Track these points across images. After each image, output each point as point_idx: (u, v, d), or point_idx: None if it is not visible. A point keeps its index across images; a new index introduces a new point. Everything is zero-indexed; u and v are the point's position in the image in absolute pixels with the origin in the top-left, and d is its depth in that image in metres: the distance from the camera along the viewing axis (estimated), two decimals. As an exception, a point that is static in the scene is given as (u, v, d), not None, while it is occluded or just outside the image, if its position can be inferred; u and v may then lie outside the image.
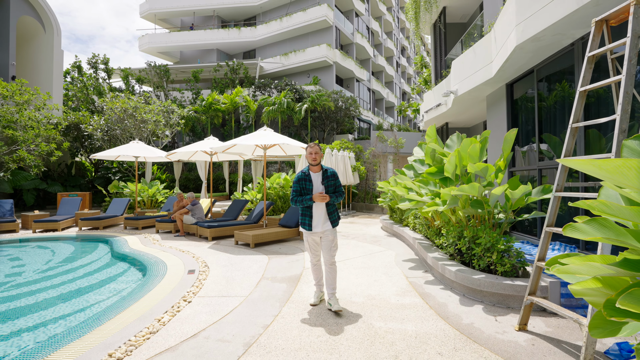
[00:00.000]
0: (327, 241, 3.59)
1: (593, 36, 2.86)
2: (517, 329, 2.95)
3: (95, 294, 4.42)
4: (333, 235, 3.61)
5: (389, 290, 4.10)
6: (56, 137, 13.46)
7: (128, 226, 9.78)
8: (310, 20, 25.26)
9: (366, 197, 15.54)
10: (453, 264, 4.19)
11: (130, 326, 3.08)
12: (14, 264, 5.94)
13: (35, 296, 4.29)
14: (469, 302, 3.61)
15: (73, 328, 3.20)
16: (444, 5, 10.12)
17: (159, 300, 3.78)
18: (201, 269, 5.14)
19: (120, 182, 14.52)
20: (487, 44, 6.11)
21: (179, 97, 24.38)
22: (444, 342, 2.75)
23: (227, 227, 7.89)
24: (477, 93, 7.04)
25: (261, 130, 8.05)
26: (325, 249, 3.60)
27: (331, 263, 3.60)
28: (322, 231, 3.58)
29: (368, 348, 2.67)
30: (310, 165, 3.65)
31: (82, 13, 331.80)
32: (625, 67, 2.47)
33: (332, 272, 3.59)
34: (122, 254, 6.52)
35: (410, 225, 7.18)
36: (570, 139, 2.90)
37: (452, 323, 3.12)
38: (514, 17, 4.60)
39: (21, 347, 2.93)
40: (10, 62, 16.21)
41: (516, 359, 2.48)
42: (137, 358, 2.53)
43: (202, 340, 2.83)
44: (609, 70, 2.95)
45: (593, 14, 3.62)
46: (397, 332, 2.94)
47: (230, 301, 3.75)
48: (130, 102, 15.53)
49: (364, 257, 5.89)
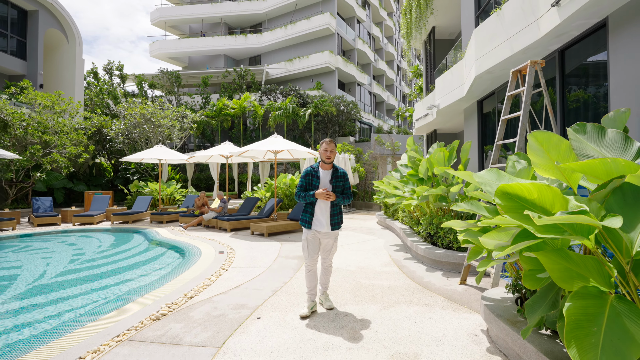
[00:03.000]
0: (327, 244, 3.44)
1: (511, 81, 4.16)
2: (459, 283, 4.25)
3: (150, 266, 5.77)
4: (334, 239, 3.46)
5: (375, 263, 5.42)
6: (83, 141, 14.86)
7: (154, 220, 11.14)
8: (314, 28, 26.59)
9: (365, 196, 16.84)
10: (424, 244, 5.50)
11: (189, 283, 4.41)
12: (74, 248, 7.30)
13: (105, 267, 5.64)
14: (432, 270, 4.92)
15: (148, 285, 4.55)
16: (433, 25, 11.41)
17: (203, 270, 5.11)
18: (228, 251, 6.48)
19: (140, 181, 15.90)
20: (461, 68, 7.41)
21: (189, 102, 25.79)
22: (407, 290, 4.07)
23: (243, 220, 9.24)
24: (456, 107, 8.34)
25: (272, 137, 9.38)
26: (323, 251, 3.47)
27: (328, 265, 3.51)
28: (323, 232, 3.39)
29: (355, 292, 3.99)
30: (323, 162, 3.44)
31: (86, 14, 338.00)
32: (522, 106, 3.77)
33: (328, 272, 3.53)
34: (158, 240, 7.87)
35: (399, 218, 8.49)
36: (496, 152, 4.20)
37: (416, 281, 4.43)
38: (474, 53, 5.91)
39: (119, 294, 4.27)
40: (39, 71, 17.69)
41: (452, 297, 3.79)
42: (203, 297, 3.86)
43: (242, 289, 4.16)
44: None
45: (523, 59, 4.92)
46: (377, 286, 4.26)
47: (256, 270, 5.07)
48: (147, 108, 16.92)
49: (359, 243, 7.21)
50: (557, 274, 1.58)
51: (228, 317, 3.28)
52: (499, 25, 5.16)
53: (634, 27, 3.55)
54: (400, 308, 3.50)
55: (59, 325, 3.33)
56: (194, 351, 2.61)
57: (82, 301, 4.05)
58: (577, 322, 1.38)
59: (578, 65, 4.51)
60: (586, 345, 1.31)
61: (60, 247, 7.37)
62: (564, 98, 4.79)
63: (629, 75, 3.66)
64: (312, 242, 3.42)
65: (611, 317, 1.35)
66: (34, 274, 5.25)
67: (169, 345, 2.72)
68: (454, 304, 3.61)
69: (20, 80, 17.31)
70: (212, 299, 3.79)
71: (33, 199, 10.99)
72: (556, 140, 2.18)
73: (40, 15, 17.44)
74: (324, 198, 3.27)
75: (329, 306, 3.48)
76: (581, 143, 2.20)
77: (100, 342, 2.74)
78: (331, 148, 3.40)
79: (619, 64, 3.82)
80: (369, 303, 3.65)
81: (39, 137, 12.48)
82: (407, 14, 11.41)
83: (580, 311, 1.41)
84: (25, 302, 4.02)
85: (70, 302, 4.00)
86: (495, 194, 1.85)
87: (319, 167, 3.47)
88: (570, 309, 1.42)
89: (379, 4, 36.16)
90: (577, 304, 1.43)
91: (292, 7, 28.63)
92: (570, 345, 1.35)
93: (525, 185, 1.74)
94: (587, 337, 1.33)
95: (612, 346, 1.28)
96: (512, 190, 1.78)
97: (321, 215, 3.38)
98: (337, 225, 3.44)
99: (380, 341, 2.77)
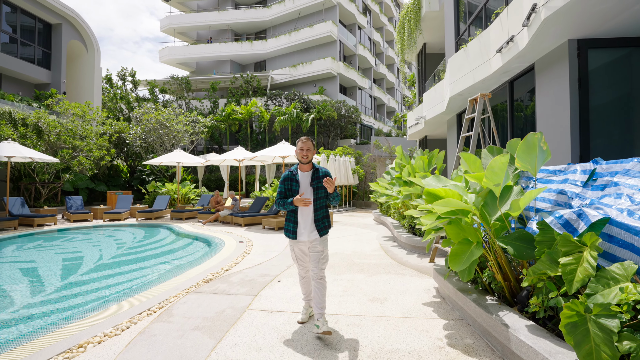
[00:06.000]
0: (316, 252, 3.10)
1: (468, 107, 5.45)
2: (429, 262, 5.56)
3: (185, 251, 7.11)
4: (322, 245, 3.12)
5: (367, 249, 6.73)
6: (106, 145, 16.26)
7: (173, 217, 12.49)
8: (316, 35, 27.92)
9: (364, 196, 18.16)
10: (407, 233, 6.81)
11: (222, 261, 5.73)
12: (114, 239, 8.65)
13: (148, 252, 6.98)
14: (411, 253, 6.23)
15: (189, 263, 5.88)
16: (424, 42, 12.71)
17: (230, 253, 6.43)
18: (246, 241, 7.81)
19: (158, 182, 17.29)
20: (442, 87, 8.70)
21: (198, 106, 27.20)
22: (388, 265, 5.38)
23: (255, 217, 10.57)
24: (439, 118, 9.64)
25: (280, 144, 10.71)
26: (313, 261, 3.09)
27: (320, 277, 3.06)
28: (309, 240, 3.10)
29: (349, 267, 5.31)
30: (300, 163, 3.13)
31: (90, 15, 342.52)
32: (474, 128, 5.07)
33: (321, 288, 3.05)
34: (184, 233, 9.21)
35: (391, 215, 9.79)
36: (456, 161, 5.49)
37: (397, 260, 5.74)
38: (449, 77, 7.20)
39: (169, 268, 5.60)
40: (62, 79, 19.10)
41: (420, 270, 5.09)
42: (235, 270, 5.18)
43: (263, 265, 5.48)
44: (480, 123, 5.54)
45: (482, 87, 6.21)
46: (365, 263, 5.57)
47: (272, 254, 6.39)
48: (162, 114, 18.30)
49: (355, 235, 8.52)
50: (453, 235, 2.89)
51: (257, 280, 4.61)
52: (465, 59, 6.43)
53: (550, 72, 4.80)
54: (380, 276, 4.81)
55: (138, 286, 4.66)
56: (239, 297, 3.93)
57: (143, 272, 5.40)
58: (457, 253, 2.70)
59: (522, 94, 5.77)
60: (458, 262, 2.64)
61: (102, 238, 8.73)
62: (513, 117, 6.06)
63: (546, 106, 4.93)
64: (301, 253, 3.19)
65: (471, 251, 2.67)
66: (94, 257, 6.60)
67: (221, 294, 4.04)
68: (420, 273, 4.92)
69: (45, 89, 18.79)
70: (243, 271, 5.11)
71: (66, 198, 12.36)
72: (474, 158, 3.48)
73: (64, 28, 18.86)
74: (302, 204, 2.98)
75: (326, 330, 2.84)
76: (487, 159, 3.53)
77: (174, 293, 4.07)
78: (307, 147, 3.09)
79: (542, 96, 5.08)
80: (358, 273, 4.97)
81: (70, 142, 13.86)
82: (400, 32, 12.72)
83: (459, 248, 2.73)
84: (100, 274, 5.36)
85: (134, 274, 5.34)
86: (424, 192, 3.15)
87: (297, 170, 3.17)
88: (454, 248, 2.74)
89: (379, 10, 37.44)
90: (459, 246, 2.75)
91: (296, 15, 29.97)
92: (451, 263, 2.67)
93: (439, 189, 3.04)
94: (459, 258, 2.65)
95: (468, 261, 2.60)
96: (432, 191, 3.09)
97: (304, 222, 3.10)
98: (324, 230, 3.14)
99: (363, 292, 4.09)
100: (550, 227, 2.40)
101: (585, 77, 4.23)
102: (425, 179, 3.76)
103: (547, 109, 4.90)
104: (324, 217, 3.17)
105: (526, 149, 2.97)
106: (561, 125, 4.56)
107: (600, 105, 4.30)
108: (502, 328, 2.44)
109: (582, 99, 4.21)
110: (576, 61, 4.22)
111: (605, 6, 3.53)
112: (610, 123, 4.36)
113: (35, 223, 10.16)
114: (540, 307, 2.35)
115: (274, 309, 3.59)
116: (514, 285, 2.89)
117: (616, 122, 4.36)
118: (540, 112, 5.07)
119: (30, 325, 3.42)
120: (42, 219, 10.34)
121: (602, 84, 4.30)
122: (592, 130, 4.26)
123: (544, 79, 4.91)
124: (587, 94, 4.22)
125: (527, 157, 2.97)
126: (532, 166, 2.97)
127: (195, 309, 3.56)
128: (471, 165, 3.57)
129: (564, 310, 1.89)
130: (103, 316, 3.35)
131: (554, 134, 4.79)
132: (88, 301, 4.11)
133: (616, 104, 4.38)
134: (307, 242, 3.13)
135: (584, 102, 4.22)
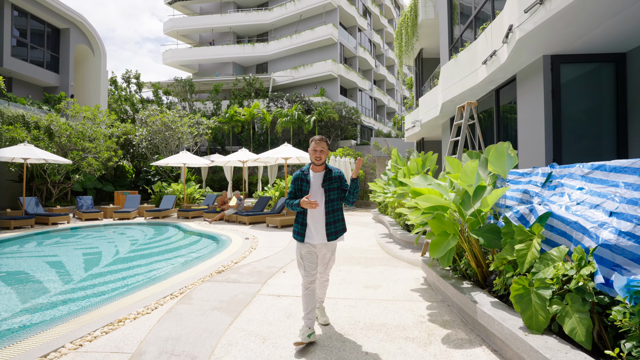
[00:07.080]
0: (324, 258, 3.06)
1: (456, 113, 5.96)
2: (420, 256, 6.06)
3: (195, 247, 7.63)
4: (331, 252, 3.07)
5: (364, 244, 7.24)
6: (113, 146, 16.79)
7: (180, 216, 13.01)
8: (317, 38, 28.44)
9: (364, 196, 18.66)
10: (401, 230, 7.31)
11: (231, 256, 6.24)
12: (127, 236, 9.18)
13: (161, 247, 7.50)
14: (404, 248, 6.73)
15: (200, 257, 6.40)
16: (421, 47, 13.21)
17: (237, 249, 6.94)
18: (252, 237, 8.32)
19: (163, 182, 17.82)
20: (436, 92, 9.20)
21: (201, 108, 27.74)
22: (383, 259, 5.89)
23: (259, 215, 11.08)
24: (434, 122, 10.13)
25: (283, 146, 11.21)
26: (321, 264, 3.06)
27: (325, 280, 3.15)
28: (318, 245, 2.97)
29: (347, 260, 5.82)
30: (313, 164, 3.02)
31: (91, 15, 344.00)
32: (461, 134, 5.57)
33: (324, 287, 3.17)
34: (192, 231, 9.73)
35: (389, 214, 10.29)
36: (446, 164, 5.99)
37: (391, 254, 6.25)
38: (442, 84, 7.70)
39: (182, 262, 6.12)
40: (70, 83, 19.65)
41: (412, 263, 5.59)
42: (243, 263, 5.69)
43: (269, 259, 5.99)
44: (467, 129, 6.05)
45: (470, 95, 6.71)
46: (362, 257, 6.08)
47: (276, 249, 6.90)
48: (167, 116, 18.84)
49: (355, 232, 9.03)
50: (435, 228, 3.39)
51: (264, 272, 5.12)
52: (456, 68, 6.92)
53: (528, 83, 5.29)
54: (376, 267, 5.32)
55: (156, 277, 5.17)
56: (250, 285, 4.45)
57: (159, 265, 5.91)
58: (436, 243, 3.22)
59: (507, 101, 6.27)
60: (437, 250, 3.15)
61: (115, 236, 9.26)
62: (500, 122, 6.55)
63: (526, 113, 5.42)
64: (308, 258, 2.95)
65: (448, 241, 3.18)
66: (111, 252, 7.11)
67: (233, 282, 4.55)
68: (412, 265, 5.43)
69: (54, 92, 19.33)
70: (251, 264, 5.63)
71: (77, 198, 12.89)
72: (457, 161, 4.00)
73: (72, 32, 19.39)
74: (308, 207, 2.83)
75: (324, 321, 3.12)
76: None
77: (191, 281, 4.58)
78: (321, 147, 2.97)
79: (522, 105, 5.57)
80: (355, 265, 5.48)
81: (80, 144, 14.40)
82: (398, 38, 13.23)
83: (439, 239, 3.24)
84: (119, 266, 5.87)
85: (151, 266, 5.86)
86: (410, 190, 3.66)
87: (309, 170, 3.05)
88: (435, 239, 3.25)
89: (379, 13, 37.95)
90: (438, 237, 3.26)
91: (297, 17, 30.48)
92: (431, 251, 3.19)
93: (423, 188, 3.55)
94: (439, 247, 3.17)
95: (445, 249, 3.12)
96: (417, 190, 3.60)
97: (314, 225, 2.95)
98: (335, 234, 2.99)
99: (359, 281, 4.60)
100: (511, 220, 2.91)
101: (558, 89, 4.72)
102: (413, 178, 4.27)
103: (527, 117, 5.40)
104: (336, 220, 3.00)
105: (497, 155, 3.48)
106: (538, 132, 5.06)
107: (572, 114, 4.80)
108: (471, 304, 2.95)
109: (555, 108, 4.71)
110: (550, 75, 4.71)
111: (571, 29, 4.03)
112: (581, 130, 4.85)
113: (50, 222, 10.69)
114: (502, 286, 2.86)
115: (280, 294, 4.10)
116: (486, 271, 3.40)
117: (586, 129, 4.86)
118: (520, 119, 5.57)
119: (72, 306, 3.95)
120: (56, 218, 10.87)
121: (574, 95, 4.79)
122: (564, 136, 4.75)
123: (524, 89, 5.41)
124: (560, 104, 4.72)
125: (497, 162, 3.48)
126: (502, 170, 3.48)
127: (212, 294, 4.07)
128: (454, 167, 4.09)
129: (513, 284, 2.40)
130: (132, 299, 3.86)
131: (532, 140, 5.29)
132: (114, 288, 4.64)
133: (586, 113, 4.88)
134: (317, 246, 2.97)
135: (557, 111, 4.72)
